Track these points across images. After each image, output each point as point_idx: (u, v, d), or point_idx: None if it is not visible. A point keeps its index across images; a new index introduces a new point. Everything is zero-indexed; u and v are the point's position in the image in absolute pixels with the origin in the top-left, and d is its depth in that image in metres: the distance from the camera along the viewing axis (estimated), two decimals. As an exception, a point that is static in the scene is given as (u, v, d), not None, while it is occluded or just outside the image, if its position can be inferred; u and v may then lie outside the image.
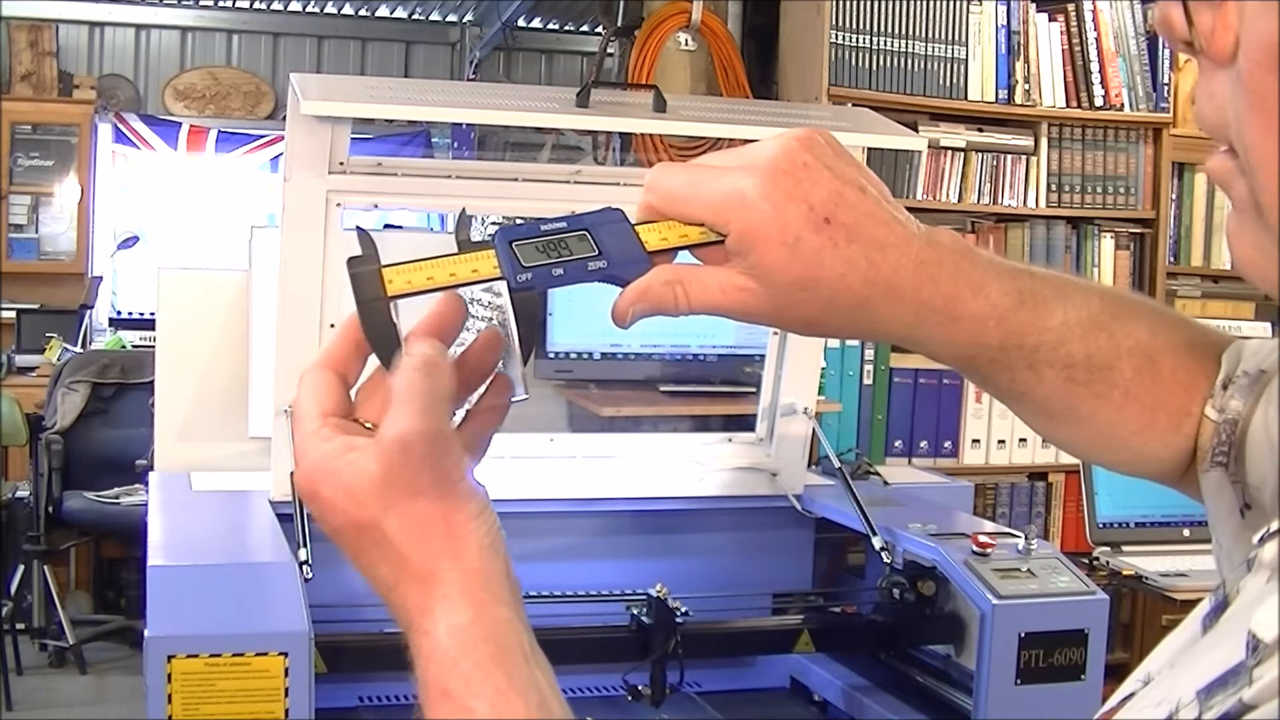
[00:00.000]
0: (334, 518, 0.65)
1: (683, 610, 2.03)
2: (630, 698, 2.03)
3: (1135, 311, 0.75)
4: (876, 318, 0.68)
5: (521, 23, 7.86)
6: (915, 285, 0.67)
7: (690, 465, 2.37)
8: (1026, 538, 2.13)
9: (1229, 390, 0.73)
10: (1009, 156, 3.47)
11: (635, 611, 2.04)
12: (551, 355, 2.69)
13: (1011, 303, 0.70)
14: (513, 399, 0.72)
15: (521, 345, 0.73)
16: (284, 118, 2.03)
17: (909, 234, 0.67)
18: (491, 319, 0.73)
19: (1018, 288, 0.70)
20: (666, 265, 0.68)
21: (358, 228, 0.72)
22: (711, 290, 0.67)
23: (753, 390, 2.51)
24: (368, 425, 0.67)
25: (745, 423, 2.50)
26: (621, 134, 3.82)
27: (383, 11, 8.01)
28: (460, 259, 0.68)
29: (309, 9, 7.91)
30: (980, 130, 3.46)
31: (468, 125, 6.86)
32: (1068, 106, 3.49)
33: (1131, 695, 0.58)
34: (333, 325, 2.03)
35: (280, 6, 7.86)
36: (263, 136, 7.43)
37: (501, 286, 0.69)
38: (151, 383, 2.52)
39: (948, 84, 3.39)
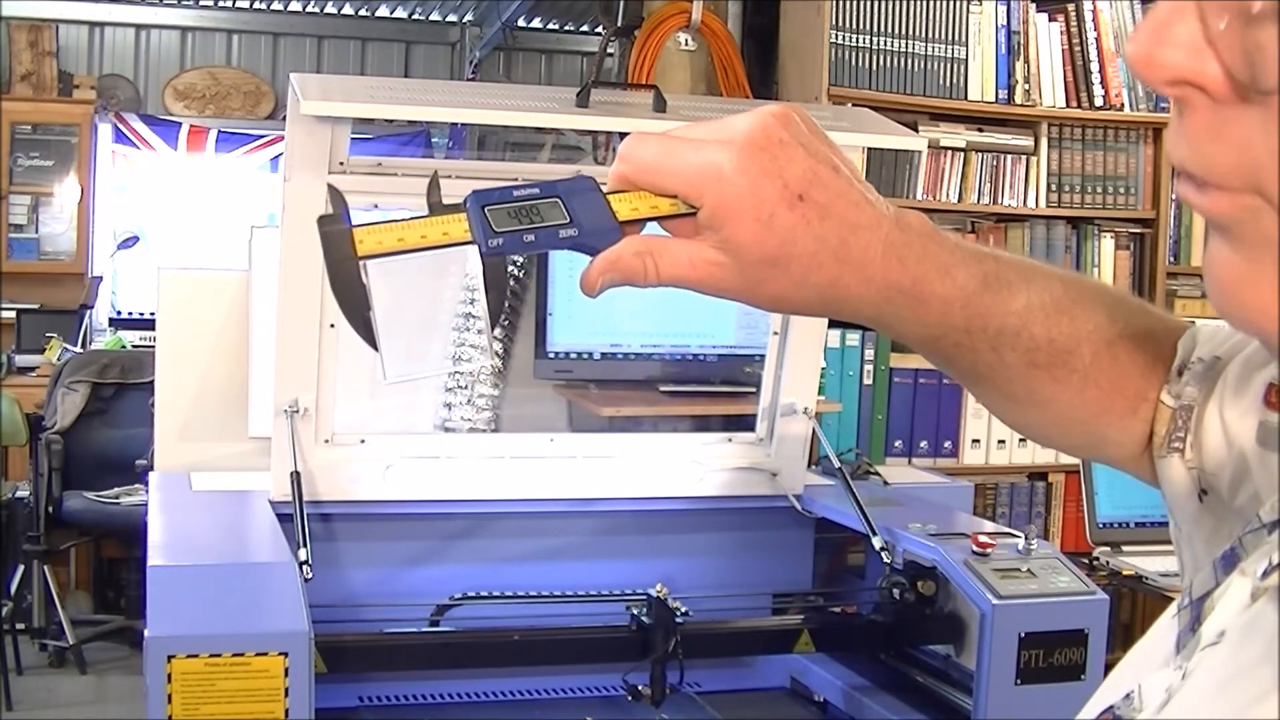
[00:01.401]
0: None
1: (683, 610, 2.02)
2: (630, 698, 2.03)
3: (1096, 297, 0.76)
4: (845, 296, 0.68)
5: (521, 23, 7.86)
6: (884, 266, 0.67)
7: (690, 465, 2.37)
8: (1026, 538, 2.13)
9: (1184, 377, 0.74)
10: (1009, 156, 3.47)
11: (635, 611, 2.04)
12: (551, 355, 2.68)
13: (977, 285, 0.70)
14: (481, 366, 0.71)
15: (490, 311, 0.72)
16: (284, 118, 2.03)
17: (879, 215, 0.68)
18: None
19: (983, 271, 0.71)
20: (638, 236, 0.68)
21: (329, 185, 0.71)
22: (682, 263, 0.67)
23: (753, 390, 2.51)
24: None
25: (745, 423, 2.50)
26: (621, 134, 3.82)
27: (383, 11, 8.00)
28: (432, 221, 0.67)
29: (309, 9, 7.90)
30: (980, 130, 3.46)
31: (463, 125, 6.85)
32: (1068, 106, 3.49)
33: (1112, 708, 0.57)
34: (333, 325, 2.03)
35: (280, 6, 7.86)
36: (263, 136, 7.43)
37: (471, 251, 0.68)
38: (151, 383, 2.52)
39: (948, 84, 3.39)
